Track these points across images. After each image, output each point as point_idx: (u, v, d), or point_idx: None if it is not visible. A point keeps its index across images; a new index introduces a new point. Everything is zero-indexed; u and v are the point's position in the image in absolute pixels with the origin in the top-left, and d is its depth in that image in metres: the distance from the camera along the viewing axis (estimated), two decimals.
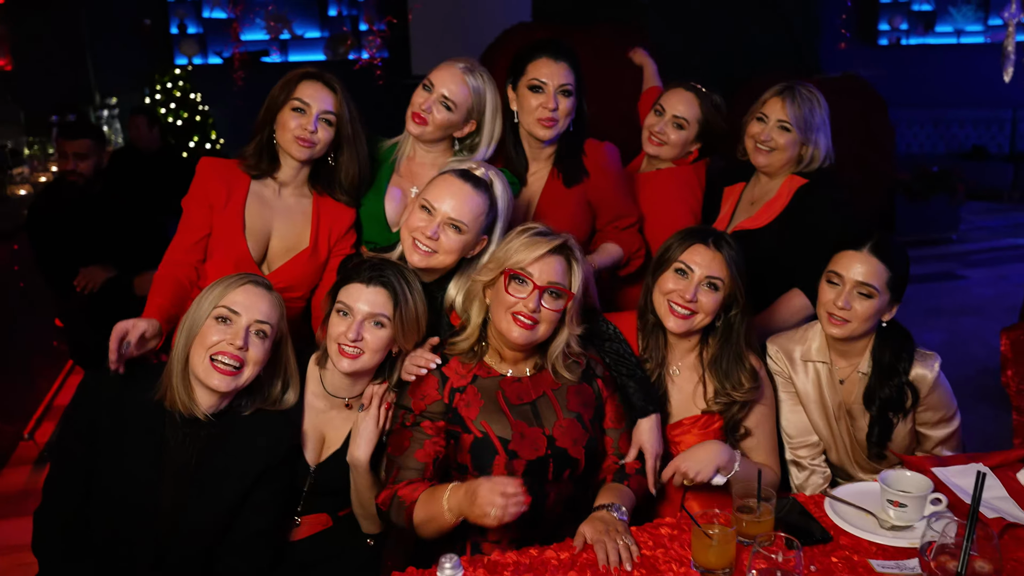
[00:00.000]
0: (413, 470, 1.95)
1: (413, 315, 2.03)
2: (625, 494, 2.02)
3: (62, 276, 3.93)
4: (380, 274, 2.02)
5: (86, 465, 1.87)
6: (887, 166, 6.54)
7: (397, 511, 1.89)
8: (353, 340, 1.98)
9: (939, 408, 2.25)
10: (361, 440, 2.03)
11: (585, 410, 2.07)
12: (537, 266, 1.96)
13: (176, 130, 7.59)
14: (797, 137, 2.61)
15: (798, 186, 2.62)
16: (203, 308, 1.89)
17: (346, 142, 2.32)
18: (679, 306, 2.16)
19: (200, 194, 2.32)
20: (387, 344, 2.02)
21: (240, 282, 1.92)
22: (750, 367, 2.22)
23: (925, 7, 9.46)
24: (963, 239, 7.80)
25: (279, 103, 2.29)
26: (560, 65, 2.43)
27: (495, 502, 1.70)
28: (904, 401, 2.22)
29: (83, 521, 1.88)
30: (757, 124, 2.66)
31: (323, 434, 2.11)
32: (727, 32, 5.79)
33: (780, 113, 2.61)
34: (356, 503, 2.11)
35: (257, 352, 1.90)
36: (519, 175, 2.54)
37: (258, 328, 1.90)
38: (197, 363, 1.86)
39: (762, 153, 2.65)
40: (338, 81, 2.33)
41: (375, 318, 2.00)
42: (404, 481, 1.93)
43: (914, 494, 1.87)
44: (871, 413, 2.24)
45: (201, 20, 8.31)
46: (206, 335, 1.87)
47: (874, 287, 2.17)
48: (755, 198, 2.74)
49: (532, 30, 5.43)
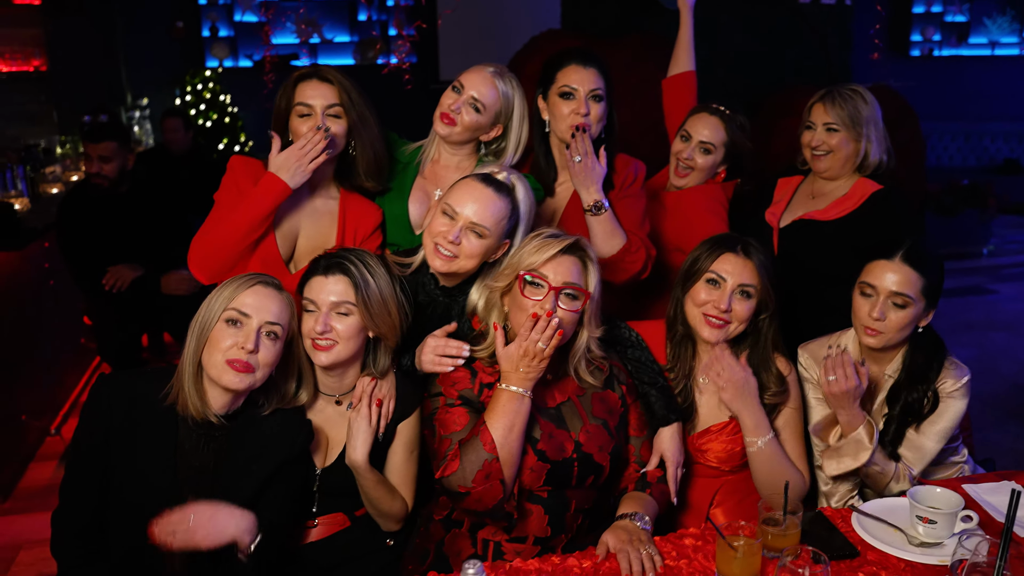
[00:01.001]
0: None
1: (378, 298, 2.00)
2: (648, 503, 2.00)
3: (90, 275, 3.97)
4: (338, 262, 2.01)
5: (100, 469, 1.86)
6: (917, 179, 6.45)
7: (474, 448, 1.86)
8: (322, 332, 1.97)
9: (942, 417, 2.19)
10: (357, 441, 2.01)
11: (610, 417, 2.06)
12: (551, 267, 1.94)
13: (205, 132, 7.67)
14: (846, 135, 2.67)
15: (872, 191, 2.66)
16: (213, 310, 1.86)
17: (354, 128, 2.31)
18: (714, 316, 2.15)
19: (232, 188, 2.33)
20: (357, 330, 2.00)
21: (250, 283, 1.89)
22: (776, 371, 2.20)
23: (959, 18, 9.35)
24: (994, 253, 7.72)
25: (284, 112, 2.30)
26: (590, 71, 2.43)
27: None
28: (923, 407, 2.19)
29: (99, 525, 1.88)
30: (808, 133, 2.75)
31: (326, 435, 2.10)
32: (756, 43, 5.75)
33: (824, 116, 2.69)
34: (368, 504, 2.10)
35: (268, 354, 1.87)
36: (547, 186, 2.53)
37: (269, 329, 1.87)
38: (211, 365, 1.84)
39: (819, 159, 2.72)
40: (333, 71, 2.31)
41: (339, 307, 1.98)
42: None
43: (944, 510, 1.84)
44: (892, 412, 2.21)
45: (232, 23, 8.40)
46: (217, 338, 1.84)
47: (909, 296, 2.14)
48: (816, 192, 2.79)
49: (560, 37, 5.42)
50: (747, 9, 5.72)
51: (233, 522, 1.78)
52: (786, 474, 2.09)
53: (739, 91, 5.73)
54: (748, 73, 5.73)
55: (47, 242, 4.38)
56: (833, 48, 5.95)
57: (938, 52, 9.40)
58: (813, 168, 2.76)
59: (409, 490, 2.14)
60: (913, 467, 2.19)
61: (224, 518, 1.78)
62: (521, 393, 1.88)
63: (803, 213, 2.77)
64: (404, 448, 2.12)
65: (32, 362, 4.24)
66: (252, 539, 1.81)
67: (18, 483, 3.87)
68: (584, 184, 2.35)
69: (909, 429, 2.21)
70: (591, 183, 2.35)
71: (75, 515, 1.88)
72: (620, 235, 2.39)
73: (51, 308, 4.57)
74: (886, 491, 2.17)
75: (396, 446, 2.12)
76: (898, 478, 2.15)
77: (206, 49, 8.38)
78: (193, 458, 1.87)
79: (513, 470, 1.89)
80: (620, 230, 2.39)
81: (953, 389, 2.18)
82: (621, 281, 2.46)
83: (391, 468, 2.12)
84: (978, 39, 9.43)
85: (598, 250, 2.32)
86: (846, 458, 2.13)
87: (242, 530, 1.79)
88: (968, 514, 1.85)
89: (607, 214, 2.36)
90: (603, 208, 2.35)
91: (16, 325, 4.08)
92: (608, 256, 2.36)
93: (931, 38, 9.34)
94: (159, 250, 3.98)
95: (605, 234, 2.37)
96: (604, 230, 2.37)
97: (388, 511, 2.09)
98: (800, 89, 5.57)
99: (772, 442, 2.13)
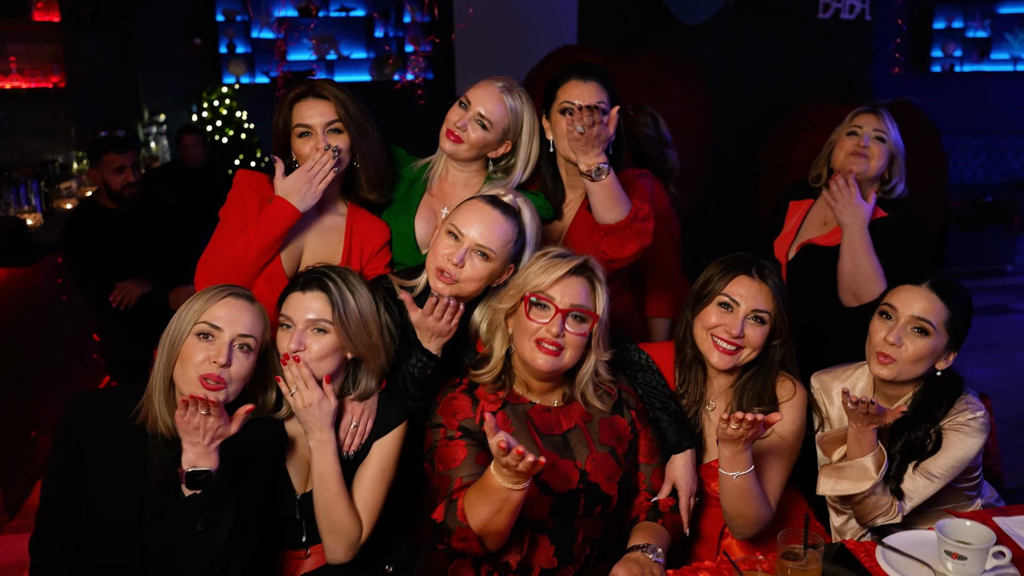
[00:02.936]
0: (476, 475, 1.78)
1: (357, 317, 1.93)
2: (660, 534, 1.93)
3: (98, 291, 3.96)
4: (316, 278, 1.94)
5: (76, 490, 1.81)
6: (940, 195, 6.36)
7: (451, 512, 1.77)
8: (295, 351, 1.90)
9: (947, 451, 2.05)
10: (317, 420, 1.89)
11: (618, 444, 1.98)
12: (558, 288, 1.88)
13: (222, 148, 7.70)
14: (889, 151, 2.64)
15: (876, 217, 2.62)
16: (184, 324, 1.81)
17: (355, 140, 2.26)
18: (724, 341, 2.05)
19: (238, 203, 2.30)
20: (332, 350, 1.93)
21: (221, 295, 1.84)
22: (770, 396, 2.10)
23: (980, 33, 9.25)
24: (1018, 271, 7.58)
25: (283, 133, 2.26)
26: (590, 85, 2.33)
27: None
28: (927, 446, 2.07)
29: (77, 546, 1.83)
30: (850, 138, 2.67)
31: (307, 459, 2.01)
32: (775, 57, 5.70)
33: (876, 123, 2.65)
34: (319, 508, 1.94)
35: (241, 367, 1.82)
36: (555, 207, 2.45)
37: (242, 342, 1.82)
38: (183, 381, 1.79)
39: (861, 158, 2.63)
40: (327, 86, 2.26)
41: (316, 324, 1.92)
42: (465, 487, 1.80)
43: (975, 546, 1.74)
44: (893, 449, 2.09)
45: (250, 40, 8.44)
46: (189, 353, 1.79)
47: (930, 323, 2.03)
48: (828, 219, 2.72)
49: (576, 53, 5.37)
50: (768, 24, 5.67)
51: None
52: (754, 508, 1.97)
53: (760, 105, 5.69)
54: (768, 88, 5.68)
55: (60, 258, 4.37)
56: (854, 63, 5.89)
57: (959, 68, 9.29)
58: (847, 167, 2.63)
59: (369, 516, 1.98)
60: (906, 502, 2.06)
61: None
62: (509, 488, 1.66)
63: (808, 238, 2.73)
64: (376, 466, 2.01)
65: (44, 378, 4.22)
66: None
67: (26, 500, 3.84)
68: (584, 149, 2.15)
69: (910, 465, 2.09)
70: (591, 147, 2.14)
71: (52, 539, 1.84)
72: (624, 200, 2.21)
73: (64, 324, 4.56)
74: (869, 523, 2.07)
75: (368, 464, 2.01)
76: (887, 512, 2.04)
77: (223, 66, 8.42)
78: (163, 475, 1.81)
79: (503, 537, 1.77)
80: (624, 195, 2.21)
81: (962, 422, 2.05)
82: (630, 255, 2.27)
83: (357, 485, 2.00)
84: (1000, 55, 9.31)
85: (601, 217, 2.21)
86: (845, 481, 2.02)
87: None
88: (1000, 550, 1.76)
89: (609, 178, 2.16)
90: (603, 172, 2.15)
91: (28, 341, 4.06)
92: (614, 222, 2.21)
93: (952, 54, 9.24)
94: (167, 265, 3.96)
95: (608, 199, 2.18)
96: (607, 195, 2.18)
97: (340, 525, 1.94)
98: (820, 103, 5.54)
99: (748, 477, 1.95)
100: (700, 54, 5.45)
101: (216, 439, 1.72)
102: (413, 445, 2.06)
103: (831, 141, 2.74)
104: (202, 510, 1.71)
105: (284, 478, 2.00)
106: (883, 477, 2.00)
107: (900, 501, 2.05)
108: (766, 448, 2.07)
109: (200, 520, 1.71)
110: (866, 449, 1.99)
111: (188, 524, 1.71)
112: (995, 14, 9.21)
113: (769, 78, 5.71)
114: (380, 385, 2.05)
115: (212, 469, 1.72)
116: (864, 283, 2.53)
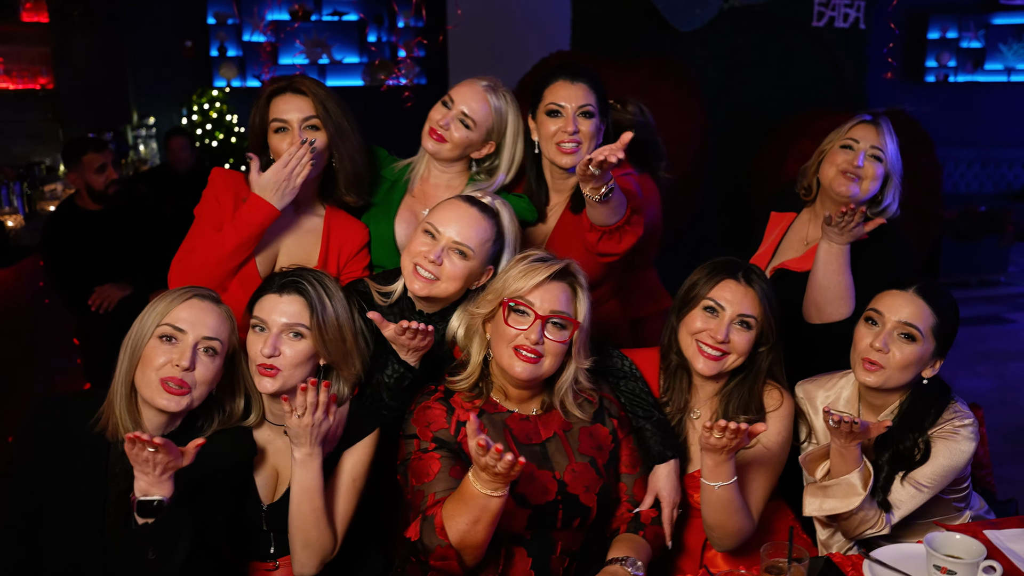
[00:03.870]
0: (450, 490, 1.73)
1: (334, 323, 1.87)
2: (641, 547, 1.87)
3: (77, 295, 3.91)
4: (294, 281, 1.88)
5: (33, 501, 1.75)
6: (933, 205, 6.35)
7: (428, 529, 1.70)
8: (269, 356, 1.83)
9: (935, 459, 1.99)
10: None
11: (599, 454, 1.92)
12: (538, 294, 1.82)
13: (211, 151, 7.64)
14: (884, 171, 2.34)
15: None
16: (146, 327, 1.75)
17: (332, 139, 2.20)
18: (709, 347, 1.99)
19: (212, 201, 2.25)
20: (307, 357, 1.86)
21: (184, 296, 1.79)
22: (757, 406, 2.04)
23: (975, 44, 9.26)
24: (1011, 281, 7.56)
25: (260, 129, 2.21)
26: (577, 86, 2.26)
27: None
28: (915, 455, 2.01)
29: (36, 558, 1.76)
30: (844, 152, 2.35)
31: (274, 467, 1.95)
32: (769, 66, 5.68)
33: (874, 139, 2.34)
34: (294, 516, 1.85)
35: (206, 371, 1.76)
36: (539, 209, 2.38)
37: (207, 345, 1.76)
38: (143, 385, 1.73)
39: (852, 182, 2.32)
40: (307, 82, 2.20)
41: (292, 329, 1.85)
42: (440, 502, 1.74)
43: (965, 560, 1.69)
44: (880, 460, 2.03)
45: (241, 43, 8.39)
46: (150, 356, 1.73)
47: (918, 329, 1.98)
48: (810, 238, 2.47)
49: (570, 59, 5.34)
50: (762, 32, 5.66)
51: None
52: (736, 520, 1.91)
53: (754, 114, 5.66)
54: (762, 96, 5.65)
55: (42, 260, 4.31)
56: (848, 72, 5.88)
57: (953, 78, 9.31)
58: (836, 190, 2.34)
59: (340, 527, 1.92)
60: (894, 514, 2.00)
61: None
62: (487, 494, 1.63)
63: (782, 261, 2.50)
64: (347, 476, 1.93)
65: (25, 383, 4.15)
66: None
67: None
68: (594, 185, 2.01)
69: (898, 476, 2.03)
70: (601, 181, 1.99)
71: (9, 549, 1.76)
72: (623, 201, 2.12)
73: (46, 327, 4.49)
74: (856, 536, 2.00)
75: (338, 474, 1.94)
76: (875, 525, 1.97)
77: (214, 69, 8.37)
78: (125, 486, 1.73)
79: (481, 551, 1.72)
80: (623, 197, 2.12)
81: (950, 430, 1.99)
82: (626, 249, 2.20)
83: (327, 496, 1.91)
84: (994, 65, 9.33)
85: (600, 221, 2.11)
86: (832, 499, 1.95)
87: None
88: (991, 564, 1.71)
89: (615, 192, 2.06)
90: (612, 190, 2.03)
91: (8, 344, 3.98)
92: (613, 223, 2.13)
93: (946, 64, 9.25)
94: (149, 269, 3.90)
95: (612, 208, 2.09)
96: (611, 205, 2.08)
97: (317, 540, 1.86)
98: (815, 112, 5.51)
99: (731, 488, 1.88)
100: (694, 62, 5.43)
101: (167, 471, 1.64)
102: (387, 453, 1.99)
103: (822, 150, 2.43)
104: (153, 539, 1.63)
105: (251, 489, 1.93)
106: (871, 491, 1.95)
107: (888, 512, 2.00)
108: (750, 459, 2.01)
109: (152, 549, 1.63)
110: (851, 465, 1.92)
111: (140, 553, 1.64)
112: (989, 25, 9.24)
113: (763, 86, 5.70)
114: (352, 392, 1.98)
115: (165, 498, 1.63)
116: (832, 301, 2.29)
